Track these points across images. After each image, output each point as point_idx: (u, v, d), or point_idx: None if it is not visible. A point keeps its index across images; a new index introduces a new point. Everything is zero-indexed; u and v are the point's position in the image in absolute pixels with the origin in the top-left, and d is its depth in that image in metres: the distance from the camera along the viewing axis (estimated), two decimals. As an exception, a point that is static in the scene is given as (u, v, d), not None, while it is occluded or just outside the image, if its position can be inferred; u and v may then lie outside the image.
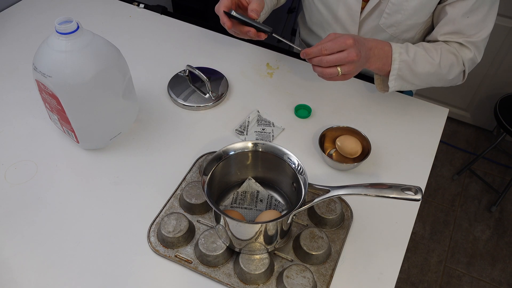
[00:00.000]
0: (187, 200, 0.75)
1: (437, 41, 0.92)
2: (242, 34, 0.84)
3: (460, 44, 0.90)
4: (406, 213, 0.79)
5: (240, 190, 0.78)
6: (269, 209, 0.76)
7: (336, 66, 0.77)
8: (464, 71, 0.92)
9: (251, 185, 0.78)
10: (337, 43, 0.75)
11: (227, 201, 0.77)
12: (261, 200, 0.77)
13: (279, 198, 0.78)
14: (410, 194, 0.63)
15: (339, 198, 0.78)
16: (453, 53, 0.89)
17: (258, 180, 0.78)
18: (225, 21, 0.81)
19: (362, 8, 0.95)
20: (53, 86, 0.72)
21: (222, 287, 0.68)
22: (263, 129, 0.91)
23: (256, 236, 0.65)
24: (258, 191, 0.78)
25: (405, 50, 0.85)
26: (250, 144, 0.72)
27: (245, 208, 0.76)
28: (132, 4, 1.24)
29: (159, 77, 1.02)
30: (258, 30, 0.82)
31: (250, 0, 0.84)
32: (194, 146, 0.88)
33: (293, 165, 0.70)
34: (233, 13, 0.81)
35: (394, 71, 0.85)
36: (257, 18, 0.81)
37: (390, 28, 0.96)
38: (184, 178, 0.81)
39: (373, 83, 1.04)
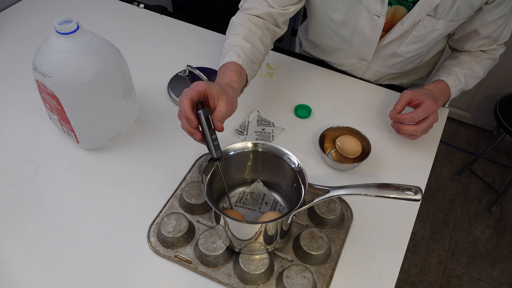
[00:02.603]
0: (187, 200, 0.75)
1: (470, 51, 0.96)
2: (191, 130, 0.68)
3: (495, 48, 0.95)
4: (406, 213, 0.79)
5: (247, 190, 0.78)
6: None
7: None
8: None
9: (259, 187, 0.78)
10: (426, 110, 0.83)
11: (232, 199, 0.77)
12: (266, 203, 0.77)
13: (281, 200, 0.78)
14: (410, 194, 0.63)
15: (339, 198, 0.78)
16: (491, 58, 0.96)
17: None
18: (191, 117, 0.66)
19: (381, 37, 0.93)
20: (53, 86, 0.72)
21: (222, 287, 0.68)
22: (263, 129, 0.91)
23: (256, 236, 0.65)
24: (264, 194, 0.78)
25: (458, 80, 0.92)
26: (250, 144, 0.72)
27: (249, 208, 0.76)
28: (132, 4, 1.24)
29: (159, 77, 1.02)
30: (205, 141, 0.68)
31: (218, 104, 0.69)
32: (194, 146, 0.87)
33: (293, 165, 0.70)
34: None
35: (451, 99, 0.94)
36: (222, 130, 0.68)
37: (407, 53, 0.96)
38: (184, 178, 0.81)
39: (372, 83, 1.05)
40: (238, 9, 0.95)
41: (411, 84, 1.12)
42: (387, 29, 0.91)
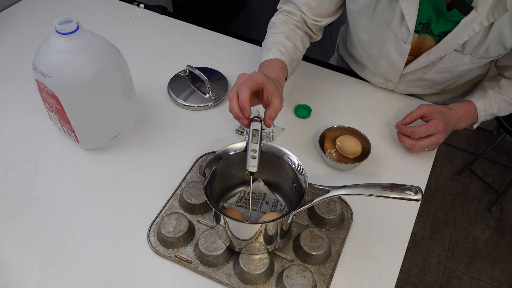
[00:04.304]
0: (187, 200, 0.75)
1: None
2: (240, 115, 0.71)
3: None
4: (406, 213, 0.79)
5: (248, 189, 0.78)
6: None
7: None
8: None
9: (260, 187, 0.78)
10: (429, 129, 0.82)
11: (233, 199, 0.77)
12: (266, 203, 0.77)
13: (282, 200, 0.78)
14: (410, 194, 0.63)
15: (339, 198, 0.78)
16: None
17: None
18: (247, 108, 0.70)
19: (408, 62, 0.90)
20: (53, 86, 0.72)
21: (222, 287, 0.68)
22: (263, 129, 0.91)
23: (256, 236, 0.65)
24: (265, 194, 0.78)
25: (490, 104, 0.88)
26: (250, 144, 0.72)
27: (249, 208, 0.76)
28: (132, 4, 1.24)
29: (159, 77, 1.02)
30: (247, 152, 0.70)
31: (272, 99, 0.73)
32: (194, 146, 0.88)
33: (293, 165, 0.70)
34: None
35: (479, 122, 0.91)
36: (269, 127, 0.74)
37: (434, 79, 0.93)
38: (184, 178, 0.81)
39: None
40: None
41: (443, 103, 1.05)
42: (414, 54, 0.89)
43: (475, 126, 0.93)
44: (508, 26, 0.75)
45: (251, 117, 0.72)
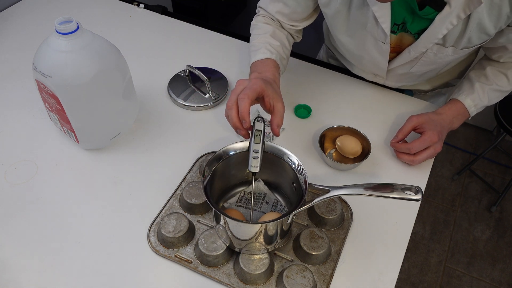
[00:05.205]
0: (187, 200, 0.75)
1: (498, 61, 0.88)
2: (238, 126, 0.71)
3: None
4: (406, 213, 0.79)
5: (248, 189, 0.78)
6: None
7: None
8: None
9: (260, 187, 0.78)
10: (424, 142, 0.81)
11: (233, 199, 0.77)
12: (267, 203, 0.77)
13: (282, 200, 0.78)
14: (410, 194, 0.63)
15: (339, 198, 0.78)
16: None
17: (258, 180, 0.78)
18: (247, 119, 0.69)
19: (391, 58, 0.90)
20: (53, 86, 0.72)
21: (222, 287, 0.68)
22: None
23: (256, 236, 0.65)
24: (265, 194, 0.78)
25: (479, 98, 0.87)
26: (250, 144, 0.72)
27: (249, 208, 0.76)
28: (132, 4, 1.24)
29: (159, 77, 1.02)
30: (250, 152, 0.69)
31: (274, 105, 0.73)
32: (194, 146, 0.88)
33: (293, 165, 0.70)
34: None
35: (472, 116, 0.91)
36: (278, 135, 0.74)
37: (422, 71, 0.92)
38: (184, 178, 0.81)
39: (372, 82, 1.04)
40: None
41: (443, 85, 1.06)
42: (397, 51, 0.88)
43: (470, 118, 0.92)
44: (486, 15, 0.73)
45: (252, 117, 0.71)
